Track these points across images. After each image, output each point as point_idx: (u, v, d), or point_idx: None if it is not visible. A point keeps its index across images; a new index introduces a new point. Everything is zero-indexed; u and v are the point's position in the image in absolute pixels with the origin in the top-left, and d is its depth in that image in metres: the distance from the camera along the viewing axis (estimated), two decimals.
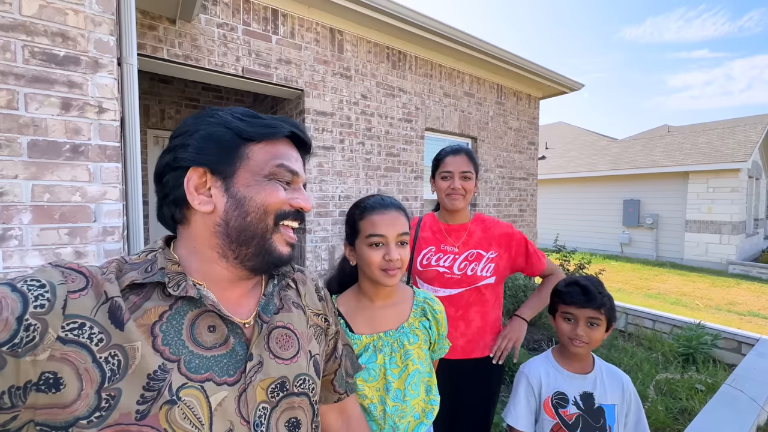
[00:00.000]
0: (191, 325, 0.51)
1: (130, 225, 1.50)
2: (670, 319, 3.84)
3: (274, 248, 0.55)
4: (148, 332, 0.47)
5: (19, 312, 0.38)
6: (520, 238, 1.41)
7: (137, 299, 0.49)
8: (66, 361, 0.40)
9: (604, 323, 1.09)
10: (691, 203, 8.85)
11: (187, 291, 0.50)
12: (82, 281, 0.45)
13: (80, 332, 0.42)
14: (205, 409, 0.47)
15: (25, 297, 0.40)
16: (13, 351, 0.37)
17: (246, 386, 0.51)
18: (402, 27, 3.39)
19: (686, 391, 2.70)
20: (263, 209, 0.54)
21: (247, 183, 0.55)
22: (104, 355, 0.43)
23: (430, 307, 1.03)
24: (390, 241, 0.91)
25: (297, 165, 0.58)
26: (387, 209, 0.94)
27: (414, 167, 3.85)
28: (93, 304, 0.44)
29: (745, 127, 9.71)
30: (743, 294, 6.13)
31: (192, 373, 0.48)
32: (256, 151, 0.55)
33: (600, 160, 11.19)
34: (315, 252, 3.18)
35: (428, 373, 1.01)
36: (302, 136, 0.60)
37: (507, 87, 4.82)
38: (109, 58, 1.26)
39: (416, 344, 0.98)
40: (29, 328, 0.38)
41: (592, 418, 1.07)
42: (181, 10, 2.30)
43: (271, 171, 0.55)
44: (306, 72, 3.06)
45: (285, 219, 0.56)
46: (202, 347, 0.50)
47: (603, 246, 10.47)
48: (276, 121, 0.58)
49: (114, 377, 0.42)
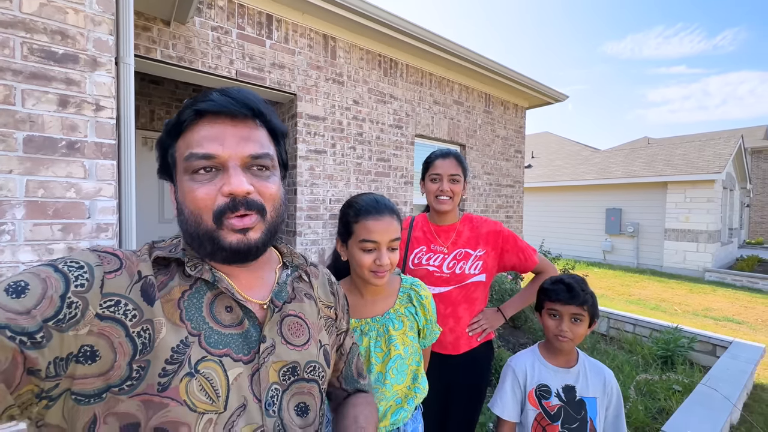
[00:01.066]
0: (210, 304, 0.53)
1: (122, 222, 1.50)
2: (649, 323, 3.97)
3: (224, 242, 0.51)
4: (175, 306, 0.50)
5: (62, 290, 0.42)
6: (508, 235, 1.44)
7: (164, 278, 0.52)
8: (102, 335, 0.43)
9: (587, 319, 1.15)
10: (670, 212, 9.16)
11: (203, 274, 0.53)
12: (116, 263, 0.48)
13: (116, 309, 0.45)
14: (223, 381, 0.49)
15: (67, 277, 0.43)
16: (58, 326, 0.40)
17: (259, 366, 0.53)
18: (394, 35, 3.47)
19: (664, 391, 2.80)
20: (196, 212, 0.51)
21: (180, 185, 0.53)
22: (137, 330, 0.46)
23: (416, 293, 1.07)
24: (382, 246, 0.95)
25: (213, 145, 0.50)
26: (381, 215, 0.96)
27: (404, 172, 3.91)
28: (128, 283, 0.47)
29: (720, 140, 10.14)
30: (719, 300, 6.36)
31: (212, 348, 0.50)
32: (179, 146, 0.53)
33: (584, 169, 11.51)
34: (305, 255, 3.19)
35: (416, 362, 1.04)
36: (212, 107, 0.50)
37: (495, 96, 4.96)
38: (108, 57, 1.27)
39: (401, 330, 1.02)
40: (71, 305, 0.42)
41: (573, 410, 1.12)
42: (176, 13, 2.32)
43: (185, 166, 0.51)
44: (299, 77, 3.10)
45: (225, 214, 0.50)
46: (220, 324, 0.52)
47: (586, 253, 10.72)
48: (197, 100, 0.52)
49: (145, 350, 0.45)
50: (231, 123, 0.52)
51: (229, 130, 0.51)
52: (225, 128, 0.51)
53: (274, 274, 0.64)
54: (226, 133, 0.51)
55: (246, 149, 0.52)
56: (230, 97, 0.52)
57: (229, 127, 0.52)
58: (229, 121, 0.52)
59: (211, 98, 0.51)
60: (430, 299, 1.10)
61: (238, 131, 0.52)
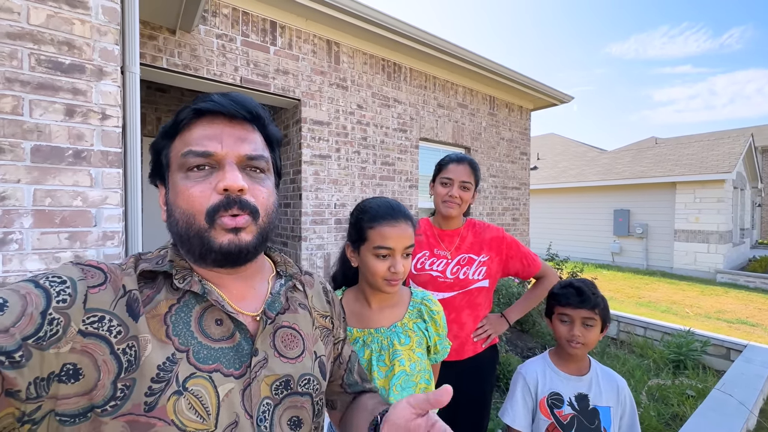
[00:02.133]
0: (199, 317, 0.51)
1: (128, 230, 1.51)
2: (660, 326, 3.90)
3: (214, 243, 0.50)
4: (161, 322, 0.48)
5: (43, 307, 0.40)
6: (511, 241, 1.44)
7: (150, 292, 0.50)
8: (86, 353, 0.42)
9: (598, 323, 1.12)
10: (679, 213, 9.04)
11: (192, 286, 0.51)
12: (100, 277, 0.47)
13: (100, 325, 0.43)
14: (213, 398, 0.47)
15: (48, 292, 0.41)
16: (39, 344, 0.39)
17: (251, 380, 0.51)
18: (397, 40, 3.48)
19: (677, 396, 2.74)
20: (188, 212, 0.50)
21: (172, 185, 0.52)
22: (122, 347, 0.44)
23: (427, 308, 1.03)
24: (397, 253, 0.92)
25: (212, 143, 0.50)
26: (397, 221, 0.93)
27: (409, 176, 3.90)
28: (112, 298, 0.46)
29: (729, 139, 10.00)
30: (731, 302, 6.24)
31: (201, 363, 0.48)
32: (175, 146, 0.53)
33: (590, 170, 11.41)
34: (310, 260, 3.19)
35: (426, 380, 0.99)
36: (212, 107, 0.51)
37: (499, 99, 4.94)
38: (114, 66, 1.29)
39: (407, 345, 0.97)
40: (53, 322, 0.40)
41: (587, 419, 1.09)
42: (182, 21, 2.35)
43: (181, 163, 0.51)
44: (303, 82, 3.12)
45: (218, 212, 0.50)
46: (210, 338, 0.51)
47: (594, 255, 10.60)
48: (196, 101, 0.52)
49: (130, 368, 0.44)
50: (229, 123, 0.53)
51: (227, 130, 0.52)
52: (223, 128, 0.52)
53: (267, 284, 0.62)
54: (224, 133, 0.52)
55: (243, 149, 0.52)
56: (229, 99, 0.52)
57: (227, 127, 0.52)
58: (227, 122, 0.52)
59: (211, 99, 0.52)
60: (442, 314, 1.05)
61: (236, 131, 0.53)
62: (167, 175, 0.54)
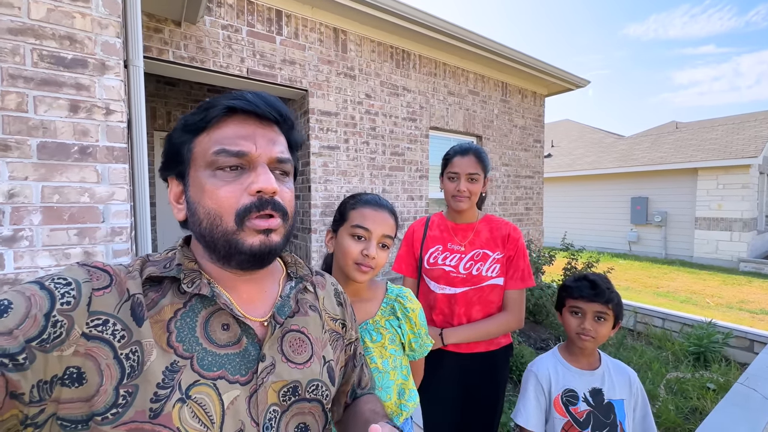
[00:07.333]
0: (205, 322, 0.50)
1: (137, 226, 1.52)
2: (680, 317, 3.79)
3: (242, 245, 0.49)
4: (164, 328, 0.47)
5: (47, 309, 0.40)
6: (522, 246, 1.36)
7: (155, 296, 0.49)
8: (89, 356, 0.41)
9: (611, 319, 1.09)
10: (701, 200, 8.72)
11: (201, 289, 0.50)
12: (106, 279, 0.46)
13: (104, 328, 0.43)
14: (217, 407, 0.46)
15: (53, 294, 0.41)
16: (42, 346, 0.38)
17: (257, 387, 0.50)
18: (406, 26, 3.38)
19: (697, 390, 2.66)
20: (215, 213, 0.49)
21: (196, 182, 0.51)
22: (125, 352, 0.43)
23: (401, 305, 0.99)
24: (373, 237, 0.91)
25: (246, 144, 0.50)
26: (380, 208, 0.95)
27: (419, 166, 3.84)
28: (116, 302, 0.45)
29: (755, 122, 9.55)
30: (755, 292, 6.02)
31: (205, 371, 0.47)
32: (201, 142, 0.51)
33: (607, 157, 11.08)
34: (321, 252, 3.19)
35: (403, 375, 0.97)
36: (246, 106, 0.50)
37: (512, 85, 4.80)
38: (116, 60, 1.27)
39: (379, 343, 0.95)
40: (56, 324, 0.40)
41: (603, 414, 1.06)
42: (186, 13, 2.32)
43: (210, 161, 0.49)
44: (310, 72, 3.07)
45: (249, 214, 0.49)
46: (215, 344, 0.50)
47: (611, 244, 10.37)
48: (227, 98, 0.51)
49: (133, 374, 0.43)
50: (260, 124, 0.52)
51: (259, 131, 0.52)
52: (255, 128, 0.52)
53: (278, 285, 0.61)
54: (257, 133, 0.51)
55: (274, 151, 0.52)
56: (262, 99, 0.52)
57: (259, 128, 0.52)
58: (258, 123, 0.52)
59: (245, 98, 0.51)
60: (418, 312, 1.00)
61: (267, 133, 0.53)
62: (188, 171, 0.52)
